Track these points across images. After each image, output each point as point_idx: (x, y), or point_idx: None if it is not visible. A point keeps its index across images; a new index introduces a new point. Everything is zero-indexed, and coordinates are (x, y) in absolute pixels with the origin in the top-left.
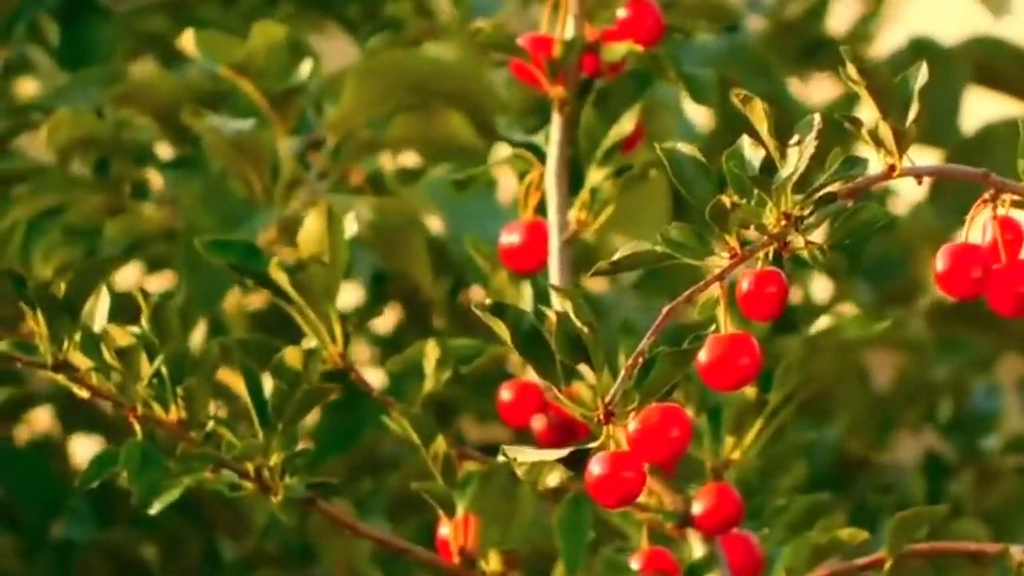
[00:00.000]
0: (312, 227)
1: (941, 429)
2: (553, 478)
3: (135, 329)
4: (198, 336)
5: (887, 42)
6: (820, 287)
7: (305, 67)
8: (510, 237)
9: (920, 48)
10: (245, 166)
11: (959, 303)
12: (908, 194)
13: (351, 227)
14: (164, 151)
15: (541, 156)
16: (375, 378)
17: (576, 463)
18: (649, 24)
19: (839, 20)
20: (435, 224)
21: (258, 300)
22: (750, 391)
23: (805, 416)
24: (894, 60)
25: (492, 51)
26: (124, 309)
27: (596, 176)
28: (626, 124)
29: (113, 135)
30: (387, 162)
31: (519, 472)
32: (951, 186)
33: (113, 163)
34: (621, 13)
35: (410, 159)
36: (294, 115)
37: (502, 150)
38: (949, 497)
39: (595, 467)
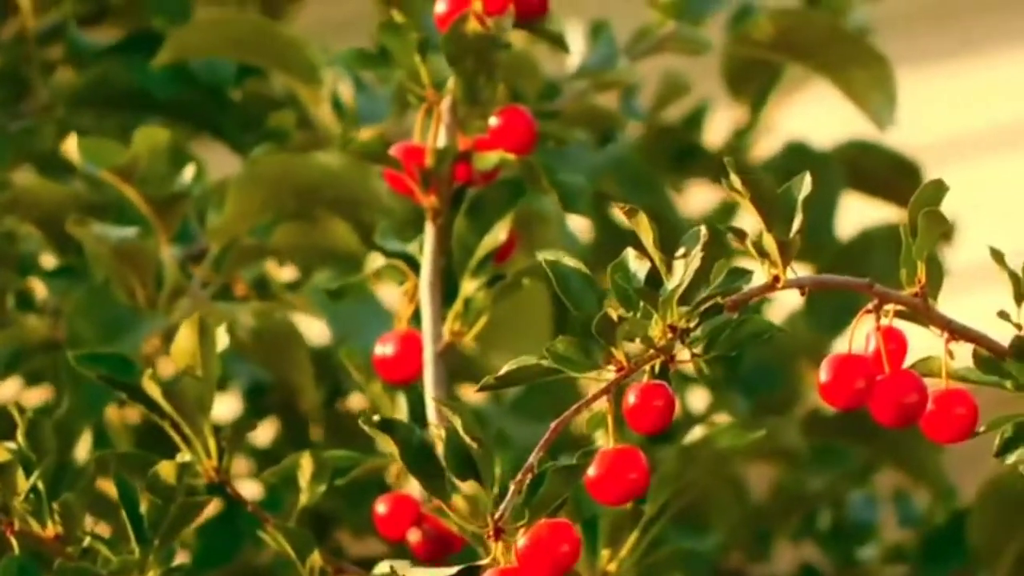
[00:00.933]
0: (184, 339)
1: (819, 540)
2: None
3: (11, 445)
4: (83, 449)
5: (762, 146)
6: (696, 397)
7: (188, 172)
8: (384, 348)
9: (795, 153)
10: (129, 274)
11: (835, 414)
12: (785, 303)
13: (223, 339)
14: (49, 261)
15: (416, 266)
16: (253, 491)
17: None
18: (521, 132)
19: (715, 129)
20: (320, 332)
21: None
22: None
23: (682, 528)
24: (770, 165)
25: (365, 160)
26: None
27: (470, 286)
28: (499, 233)
29: None
30: (271, 270)
31: None
32: (828, 295)
33: None
34: (493, 122)
35: (294, 269)
36: (177, 222)
37: (376, 260)
38: None
39: None
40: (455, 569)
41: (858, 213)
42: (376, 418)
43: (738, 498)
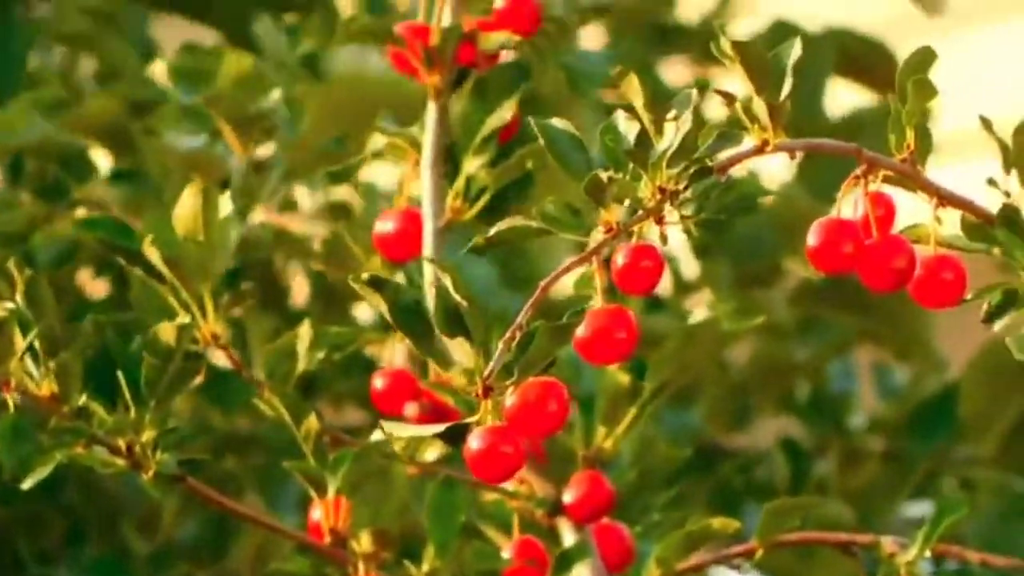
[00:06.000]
0: (187, 205)
1: (799, 412)
2: (431, 453)
3: (9, 304)
4: None
5: (747, 27)
6: (685, 268)
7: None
8: (384, 225)
9: (782, 31)
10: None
11: (822, 285)
12: (775, 176)
13: (227, 207)
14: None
15: (417, 146)
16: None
17: (453, 439)
18: (526, 13)
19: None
20: None
21: None
22: (624, 379)
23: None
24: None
25: (369, 40)
26: None
27: (472, 164)
28: (505, 113)
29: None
30: None
31: (396, 447)
32: (817, 168)
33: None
34: (499, 2)
35: None
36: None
37: (378, 140)
38: (812, 478)
39: (474, 442)
40: (443, 427)
41: (842, 100)
42: (365, 276)
43: (721, 370)
